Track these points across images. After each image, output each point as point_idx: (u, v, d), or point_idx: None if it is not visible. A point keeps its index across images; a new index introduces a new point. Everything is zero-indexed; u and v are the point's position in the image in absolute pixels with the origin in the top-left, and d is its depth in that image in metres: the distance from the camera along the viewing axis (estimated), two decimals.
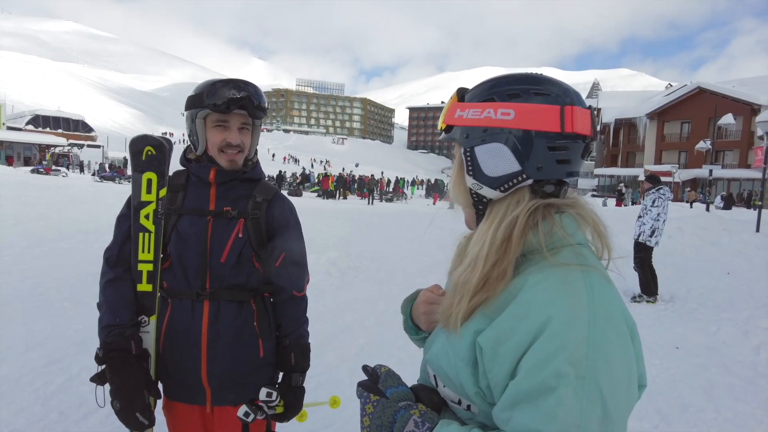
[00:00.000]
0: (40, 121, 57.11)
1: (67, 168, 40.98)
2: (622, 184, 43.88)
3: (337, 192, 31.98)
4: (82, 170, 42.25)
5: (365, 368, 1.05)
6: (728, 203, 29.05)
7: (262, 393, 1.56)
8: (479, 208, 0.98)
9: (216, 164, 1.68)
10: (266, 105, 1.69)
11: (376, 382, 0.99)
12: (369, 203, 28.19)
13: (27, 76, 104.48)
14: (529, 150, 0.89)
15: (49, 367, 3.75)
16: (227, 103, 1.58)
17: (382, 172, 61.49)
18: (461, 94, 0.99)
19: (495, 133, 0.91)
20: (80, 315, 4.91)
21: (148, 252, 1.65)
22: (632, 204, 31.19)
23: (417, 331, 1.19)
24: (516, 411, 0.79)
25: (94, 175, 35.59)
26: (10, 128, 50.60)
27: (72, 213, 12.11)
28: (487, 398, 0.87)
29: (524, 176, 0.91)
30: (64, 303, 5.34)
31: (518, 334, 0.81)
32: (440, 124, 1.01)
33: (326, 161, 79.53)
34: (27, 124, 55.41)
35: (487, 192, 0.95)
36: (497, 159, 0.92)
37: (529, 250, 0.90)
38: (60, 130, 57.20)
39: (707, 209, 21.03)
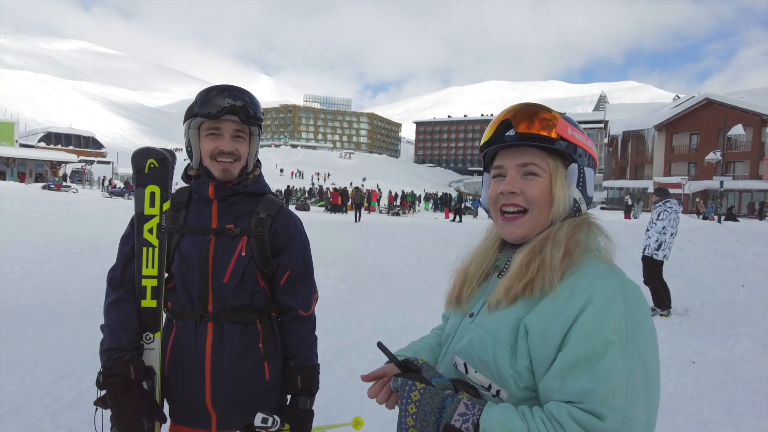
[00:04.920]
0: (52, 138, 57.95)
1: (87, 183, 41.39)
2: (627, 197, 43.61)
3: (344, 206, 32.07)
4: (90, 186, 42.61)
5: (384, 349, 1.08)
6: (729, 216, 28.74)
7: (257, 419, 1.50)
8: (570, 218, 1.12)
9: (214, 179, 1.62)
10: (261, 114, 1.63)
11: (405, 370, 1.05)
12: (356, 219, 22.31)
13: (40, 94, 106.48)
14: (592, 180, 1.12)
15: (58, 383, 3.73)
16: (217, 109, 1.53)
17: (378, 185, 61.67)
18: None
19: (591, 161, 1.10)
20: (90, 331, 4.91)
21: (152, 267, 1.61)
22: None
23: None
24: (568, 377, 0.90)
25: (104, 190, 35.95)
26: (23, 145, 51.31)
27: (82, 228, 12.21)
28: (520, 382, 0.98)
29: (592, 200, 1.13)
30: (73, 318, 5.34)
31: (565, 312, 0.94)
32: (546, 132, 1.06)
33: (327, 173, 79.93)
34: (39, 141, 56.25)
35: (584, 207, 1.11)
36: (593, 183, 1.11)
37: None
38: (71, 147, 57.94)
39: (719, 221, 20.85)
